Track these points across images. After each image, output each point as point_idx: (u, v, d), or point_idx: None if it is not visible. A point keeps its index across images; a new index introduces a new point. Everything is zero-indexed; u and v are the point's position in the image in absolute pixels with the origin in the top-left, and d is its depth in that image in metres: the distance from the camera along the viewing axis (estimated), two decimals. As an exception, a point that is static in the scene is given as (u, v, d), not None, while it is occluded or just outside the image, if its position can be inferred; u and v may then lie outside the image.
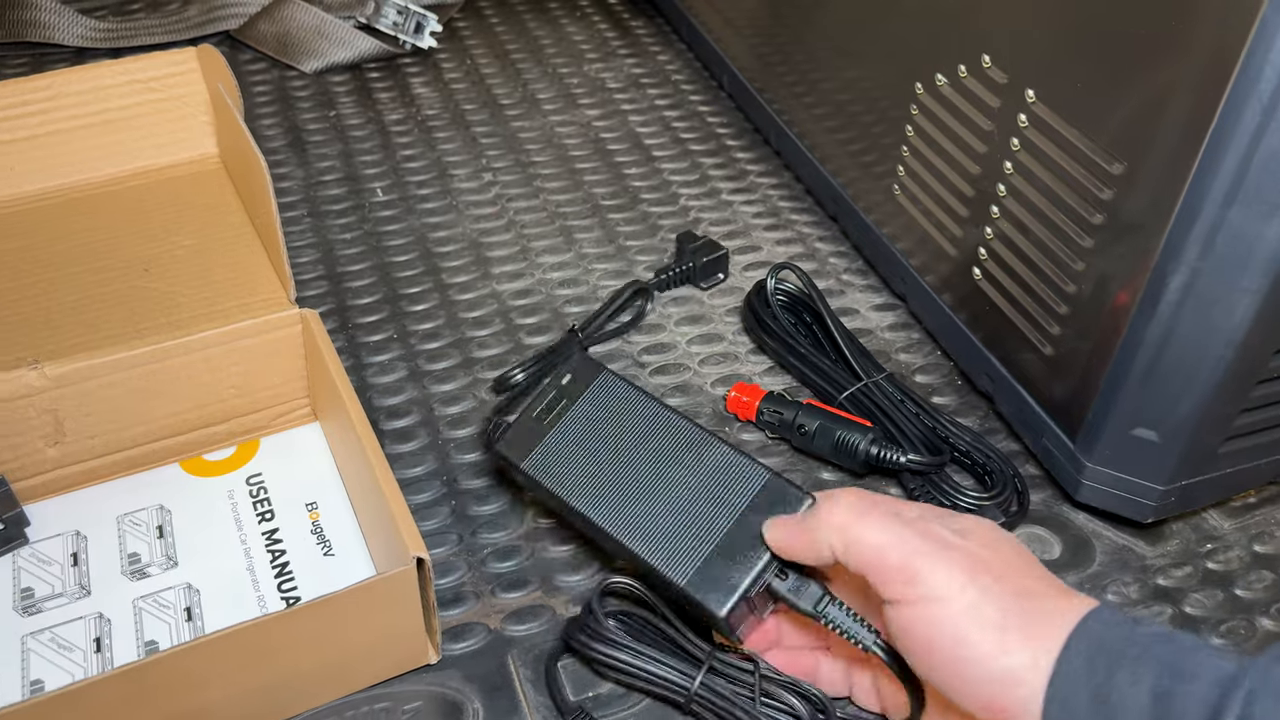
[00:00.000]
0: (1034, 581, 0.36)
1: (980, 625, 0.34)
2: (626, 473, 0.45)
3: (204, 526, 0.50)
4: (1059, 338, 0.50)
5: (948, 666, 0.35)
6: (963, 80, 0.53)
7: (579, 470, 0.46)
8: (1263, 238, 0.40)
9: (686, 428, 0.45)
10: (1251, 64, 0.38)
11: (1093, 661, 0.33)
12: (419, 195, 0.72)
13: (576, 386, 0.48)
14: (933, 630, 0.35)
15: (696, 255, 0.64)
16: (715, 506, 0.43)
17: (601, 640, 0.43)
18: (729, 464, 0.44)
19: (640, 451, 0.45)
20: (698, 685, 0.42)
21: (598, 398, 0.47)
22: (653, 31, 0.91)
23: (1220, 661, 0.32)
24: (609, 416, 0.46)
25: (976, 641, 0.34)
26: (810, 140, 0.70)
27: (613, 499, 0.45)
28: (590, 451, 0.46)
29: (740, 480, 0.43)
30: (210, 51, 0.62)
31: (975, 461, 0.53)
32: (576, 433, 0.47)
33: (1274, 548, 0.52)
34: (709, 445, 0.45)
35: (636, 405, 0.46)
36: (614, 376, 0.48)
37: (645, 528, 0.44)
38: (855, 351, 0.57)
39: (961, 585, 0.35)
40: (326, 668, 0.43)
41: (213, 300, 0.52)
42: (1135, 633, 0.33)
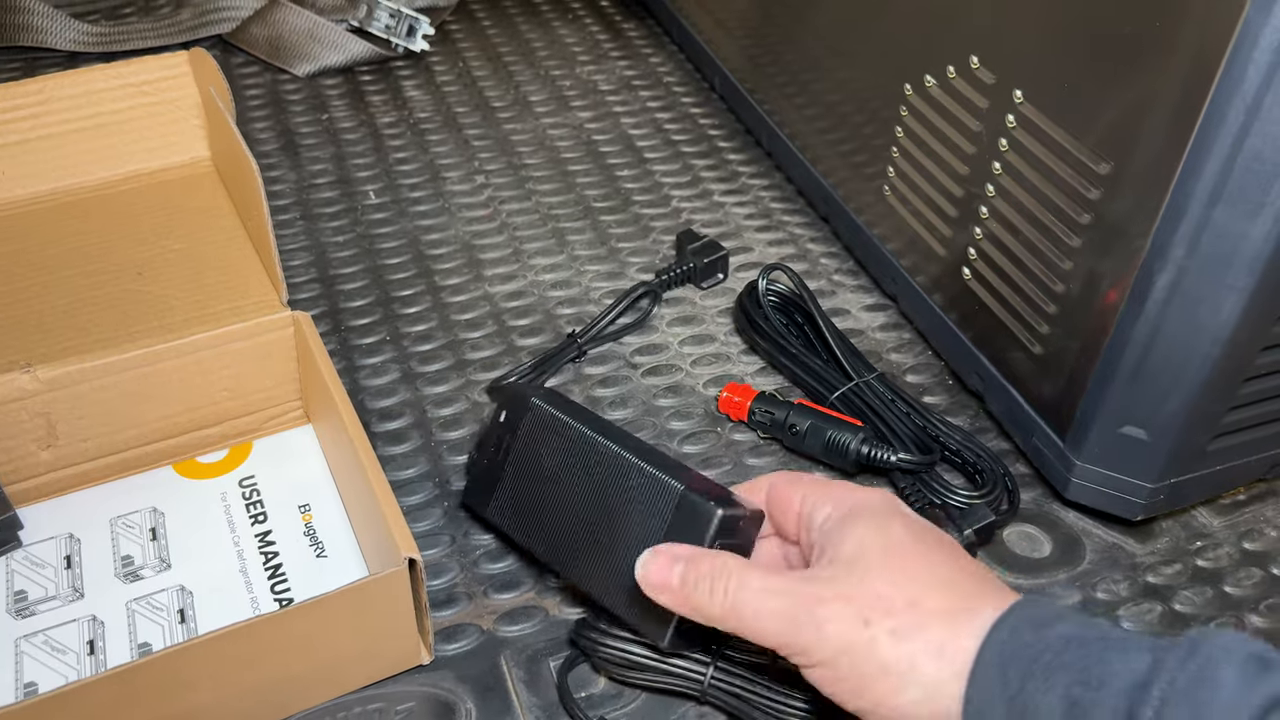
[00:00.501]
0: (906, 614, 0.35)
1: (865, 676, 0.34)
2: (567, 508, 0.44)
3: (197, 529, 0.50)
4: (1048, 337, 0.50)
5: (863, 710, 0.35)
6: (951, 81, 0.53)
7: (529, 510, 0.45)
8: (1247, 236, 0.41)
9: (610, 451, 0.43)
10: (1235, 64, 0.38)
11: (1005, 672, 0.32)
12: (411, 198, 0.72)
13: (513, 422, 0.46)
14: (831, 688, 0.35)
15: (698, 255, 0.64)
16: (642, 529, 0.42)
17: (614, 638, 0.44)
18: (647, 485, 0.42)
19: (576, 483, 0.44)
20: (711, 676, 0.43)
21: (532, 432, 0.46)
22: (644, 33, 0.91)
23: (1131, 662, 0.31)
24: (545, 450, 0.45)
25: (867, 690, 0.34)
26: (801, 141, 0.71)
27: (555, 534, 0.44)
28: (535, 489, 0.45)
29: (658, 501, 0.41)
30: (202, 55, 0.62)
31: (966, 460, 0.53)
32: (522, 471, 0.46)
33: (1263, 545, 0.52)
34: (628, 469, 0.43)
35: (566, 434, 0.45)
36: (541, 406, 0.46)
37: (583, 560, 0.43)
38: (846, 351, 0.57)
39: (839, 648, 0.35)
40: (319, 669, 0.43)
41: (205, 303, 0.52)
42: (1047, 636, 0.33)
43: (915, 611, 0.35)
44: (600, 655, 0.44)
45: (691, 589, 0.37)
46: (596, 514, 0.43)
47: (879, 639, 0.34)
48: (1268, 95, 0.38)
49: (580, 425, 0.45)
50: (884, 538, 0.37)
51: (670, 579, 0.38)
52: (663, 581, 0.38)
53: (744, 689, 0.43)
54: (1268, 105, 0.38)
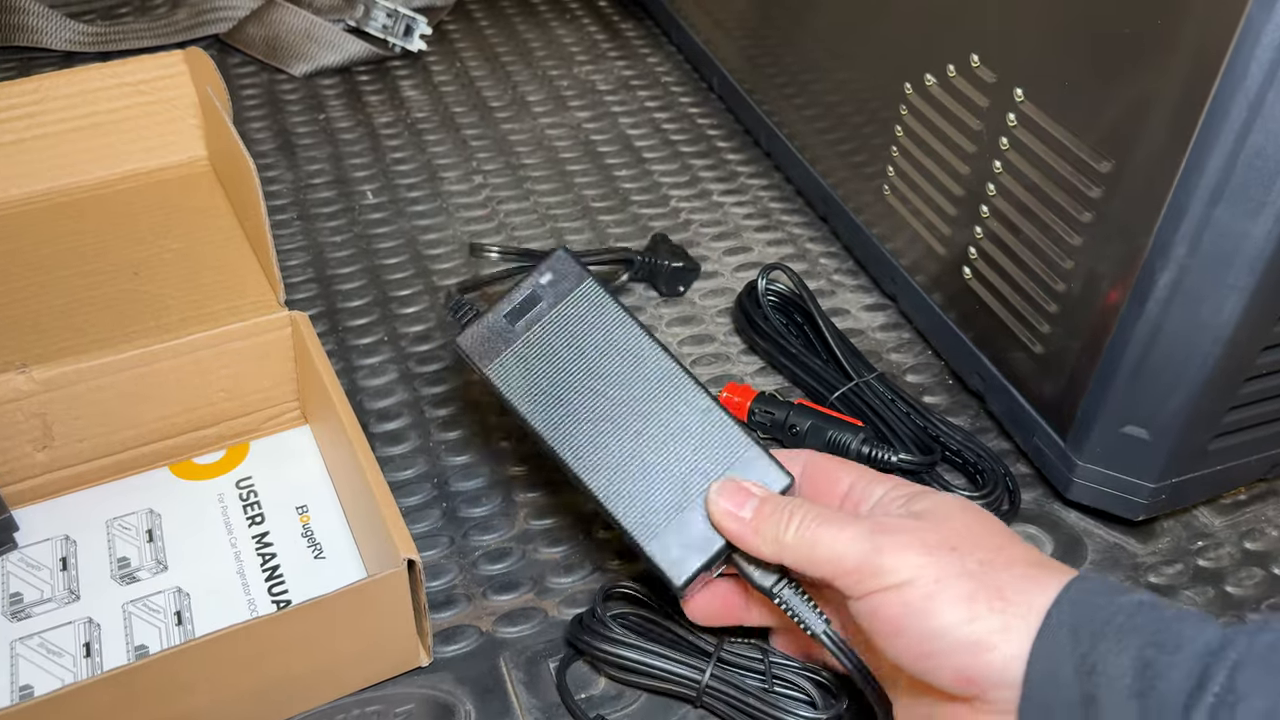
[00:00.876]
0: (998, 551, 0.35)
1: (946, 596, 0.34)
2: (599, 404, 0.41)
3: (194, 530, 0.50)
4: (1049, 336, 0.50)
5: (916, 644, 0.34)
6: (952, 80, 0.53)
7: (548, 390, 0.42)
8: (1249, 235, 0.41)
9: (670, 367, 0.41)
10: (1237, 61, 0.38)
11: (1077, 631, 0.32)
12: (409, 197, 0.72)
13: (556, 290, 0.43)
14: (897, 611, 0.35)
15: (672, 257, 0.63)
16: (690, 465, 0.40)
17: (608, 640, 0.44)
18: (712, 422, 0.40)
19: (618, 382, 0.41)
20: (708, 678, 0.42)
21: (578, 309, 0.42)
22: (642, 34, 0.91)
23: (1205, 630, 0.31)
24: (587, 334, 0.42)
25: (941, 612, 0.34)
26: (800, 141, 0.71)
27: (580, 430, 0.41)
28: (562, 370, 0.42)
29: (721, 443, 0.40)
30: (199, 55, 0.62)
31: (966, 460, 0.53)
32: (550, 345, 0.42)
33: (1264, 545, 0.52)
34: (694, 395, 0.41)
35: (620, 327, 0.42)
36: (598, 287, 0.42)
37: (612, 473, 0.40)
38: (846, 351, 0.57)
39: (921, 565, 0.35)
40: (317, 671, 0.43)
41: (202, 303, 0.52)
42: (1119, 601, 0.33)
43: (1004, 552, 0.35)
44: (595, 655, 0.44)
45: (763, 520, 0.38)
46: (640, 430, 0.41)
47: (968, 563, 0.34)
48: (1270, 92, 0.38)
49: (644, 332, 0.42)
50: (964, 503, 0.38)
51: (743, 509, 0.39)
52: (734, 509, 0.39)
53: (740, 699, 0.42)
54: (1270, 102, 0.38)
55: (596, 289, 0.43)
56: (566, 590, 0.49)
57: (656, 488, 0.40)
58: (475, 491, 0.53)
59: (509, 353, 0.42)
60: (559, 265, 0.43)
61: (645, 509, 0.40)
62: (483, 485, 0.53)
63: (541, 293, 0.43)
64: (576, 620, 0.46)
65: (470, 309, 0.45)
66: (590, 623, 0.44)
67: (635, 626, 0.44)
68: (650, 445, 0.41)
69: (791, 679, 0.43)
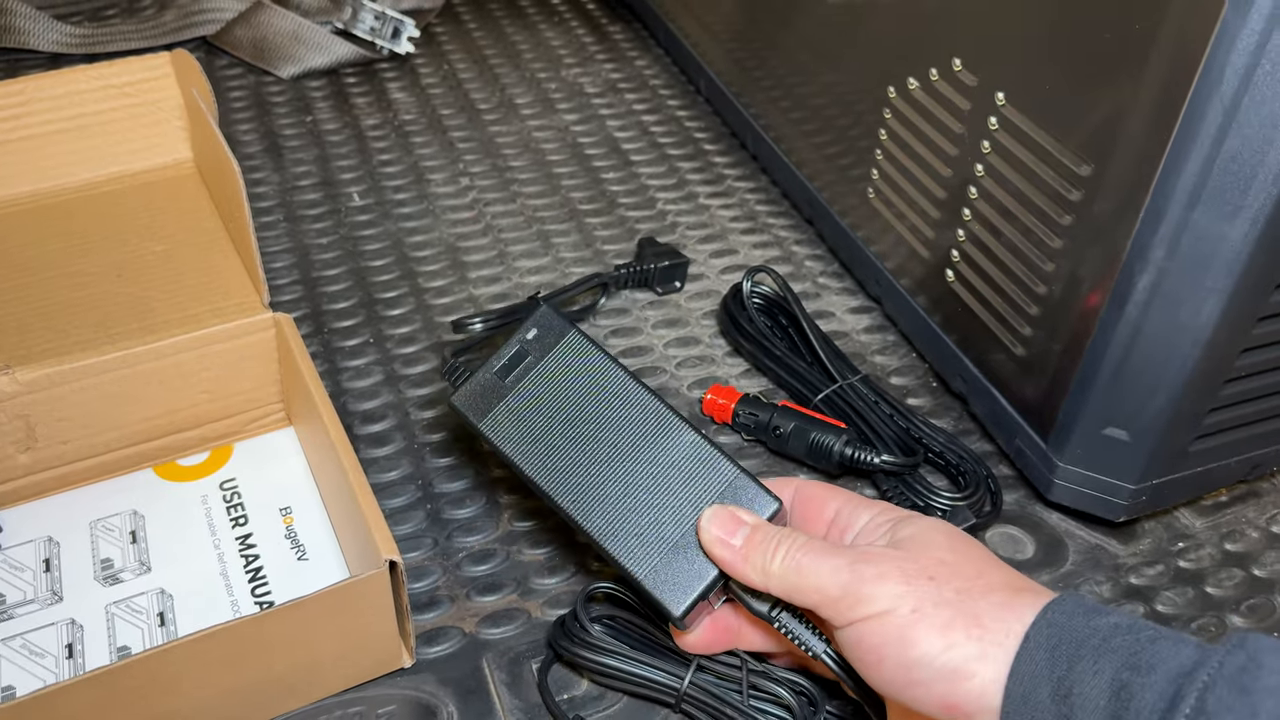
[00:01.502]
0: (976, 579, 0.36)
1: (923, 626, 0.35)
2: (589, 448, 0.43)
3: (177, 532, 0.50)
4: (1030, 338, 0.50)
5: (899, 672, 0.35)
6: (934, 83, 0.54)
7: (540, 438, 0.43)
8: (1226, 238, 0.41)
9: (655, 406, 0.43)
10: (1213, 67, 0.38)
11: (1054, 652, 0.33)
12: (395, 200, 0.72)
13: (542, 344, 0.45)
14: (879, 640, 0.35)
15: (658, 259, 0.64)
16: (678, 498, 0.41)
17: (588, 646, 0.44)
18: (696, 454, 0.42)
19: (605, 425, 0.43)
20: (687, 684, 0.43)
21: (563, 359, 0.44)
22: (630, 37, 0.91)
23: (1180, 652, 0.32)
24: (574, 382, 0.44)
25: (919, 640, 0.34)
26: (786, 145, 0.71)
27: (573, 475, 0.43)
28: (552, 419, 0.44)
29: (706, 474, 0.42)
30: (185, 57, 0.62)
31: (949, 462, 0.53)
32: (539, 396, 0.44)
33: (1244, 546, 0.53)
34: (677, 430, 0.42)
35: (604, 373, 0.44)
36: (581, 337, 0.45)
37: (605, 512, 0.42)
38: (830, 354, 0.57)
39: (899, 594, 0.35)
40: (299, 671, 0.43)
41: (185, 305, 0.52)
42: (1095, 623, 0.33)
43: (982, 578, 0.36)
44: (575, 660, 0.44)
45: (752, 548, 0.39)
46: (629, 467, 0.42)
47: (945, 592, 0.35)
48: (1245, 97, 0.38)
49: (625, 374, 0.44)
50: (946, 529, 0.39)
51: (734, 537, 0.40)
52: (726, 537, 0.40)
53: (718, 702, 0.42)
54: (1245, 107, 0.38)
55: (579, 340, 0.45)
56: (550, 592, 0.49)
57: (650, 524, 0.42)
58: (459, 494, 0.53)
59: (501, 407, 0.44)
60: (543, 320, 0.45)
61: (640, 545, 0.41)
62: (467, 487, 0.54)
63: (528, 348, 0.45)
64: (558, 624, 0.46)
65: (464, 370, 0.47)
66: (571, 627, 0.44)
67: (617, 630, 0.45)
68: (641, 483, 0.42)
69: (769, 688, 0.43)
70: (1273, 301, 0.44)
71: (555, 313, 0.46)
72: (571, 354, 0.45)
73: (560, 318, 0.45)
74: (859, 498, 0.42)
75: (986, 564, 0.37)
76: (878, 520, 0.40)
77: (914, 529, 0.38)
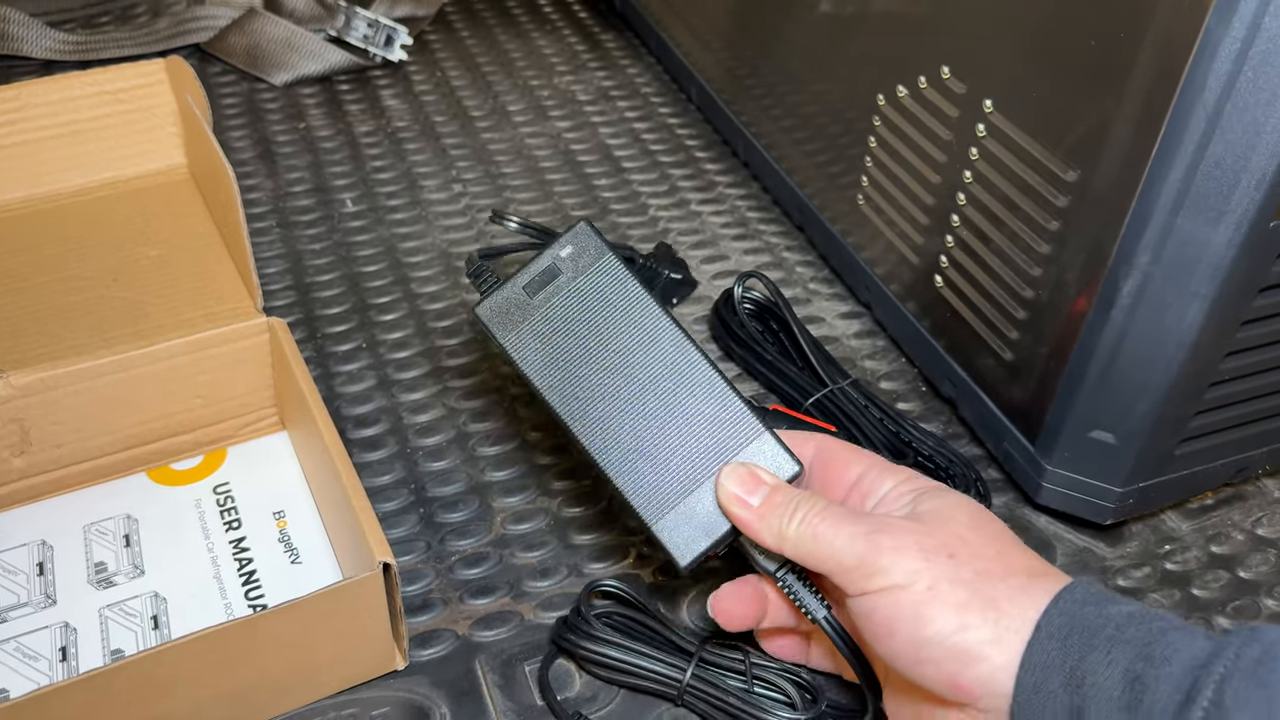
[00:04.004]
0: (996, 559, 0.36)
1: (938, 604, 0.34)
2: (613, 381, 0.41)
3: (171, 535, 0.50)
4: (1018, 343, 0.51)
5: (909, 648, 0.35)
6: (923, 91, 0.54)
7: (563, 364, 0.42)
8: (1210, 243, 0.41)
9: (686, 347, 0.42)
10: (1196, 74, 0.39)
11: (1067, 641, 0.33)
12: (388, 206, 0.72)
13: (576, 264, 0.43)
14: (892, 613, 0.35)
15: (673, 268, 0.65)
16: (699, 447, 0.41)
17: (592, 639, 0.44)
18: (723, 404, 0.41)
19: (632, 359, 0.41)
20: (689, 677, 0.43)
21: (598, 285, 0.42)
22: (622, 45, 0.92)
23: (1194, 643, 0.32)
24: (605, 309, 0.42)
25: (934, 618, 0.34)
26: (777, 152, 0.71)
27: (594, 407, 0.41)
28: (578, 346, 0.42)
29: (730, 426, 0.41)
30: (179, 63, 0.62)
31: (938, 465, 0.53)
32: (568, 320, 0.42)
33: (1230, 548, 0.53)
34: (706, 377, 0.41)
35: (638, 304, 0.42)
36: (618, 262, 0.42)
37: (623, 451, 0.41)
38: (821, 358, 0.57)
39: (918, 570, 0.35)
40: (293, 674, 0.43)
41: (180, 310, 0.52)
42: (1109, 611, 0.33)
43: (1001, 560, 0.36)
44: (579, 654, 0.45)
45: (770, 509, 0.39)
46: (653, 407, 0.41)
47: (963, 571, 0.35)
48: (1228, 104, 0.39)
49: (659, 308, 0.42)
50: (968, 504, 0.38)
51: (753, 496, 0.39)
52: (745, 495, 0.39)
53: (721, 699, 0.43)
54: (1228, 114, 0.39)
55: (616, 264, 0.42)
56: (543, 594, 0.49)
57: (666, 468, 0.41)
58: (453, 496, 0.53)
59: (526, 326, 0.43)
60: (579, 239, 0.43)
61: (654, 489, 0.41)
62: (461, 490, 0.54)
63: (561, 265, 0.43)
64: (561, 620, 0.46)
65: (491, 275, 0.45)
66: (575, 621, 0.45)
67: (619, 625, 0.45)
68: (663, 425, 0.41)
69: (772, 679, 0.43)
70: (1256, 306, 0.44)
71: (594, 231, 0.43)
72: (606, 278, 0.42)
73: (599, 238, 0.43)
74: (884, 462, 0.41)
75: (1007, 544, 0.37)
76: (901, 489, 0.40)
77: (937, 502, 0.38)
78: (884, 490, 0.40)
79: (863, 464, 0.41)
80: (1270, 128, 0.39)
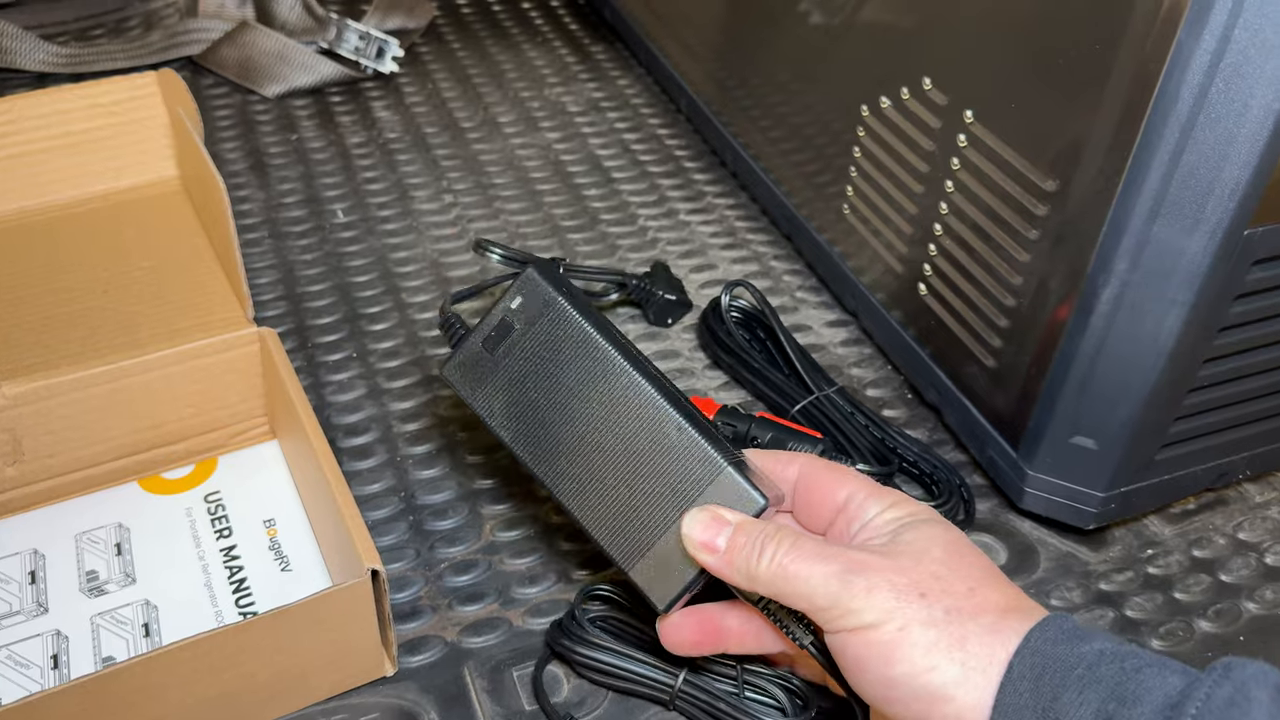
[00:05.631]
0: (968, 597, 0.36)
1: (907, 645, 0.35)
2: (578, 429, 0.41)
3: (162, 544, 0.50)
4: (1000, 350, 0.52)
5: (879, 686, 0.35)
6: (905, 102, 0.55)
7: (529, 417, 0.42)
8: (1185, 251, 0.42)
9: (644, 388, 0.41)
10: (1169, 85, 0.40)
11: (1039, 682, 0.33)
12: (380, 216, 0.73)
13: (528, 314, 0.42)
14: (863, 652, 0.36)
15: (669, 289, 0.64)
16: (664, 488, 0.40)
17: (585, 644, 0.45)
18: (686, 443, 0.40)
19: (594, 408, 0.41)
20: (681, 683, 0.44)
21: (551, 334, 0.42)
22: (612, 57, 0.92)
23: (1166, 681, 0.32)
24: (562, 359, 0.42)
25: (901, 659, 0.35)
26: (765, 162, 0.72)
27: (562, 458, 0.42)
28: (542, 397, 0.42)
29: (691, 464, 0.40)
30: (171, 76, 0.63)
31: (923, 471, 0.54)
32: (527, 373, 0.42)
33: (1212, 552, 0.54)
34: (664, 416, 0.41)
35: (592, 351, 0.41)
36: (567, 308, 0.42)
37: (592, 499, 0.41)
38: (807, 366, 0.58)
39: (890, 610, 0.35)
40: (283, 680, 0.43)
41: (171, 320, 0.53)
42: (1080, 650, 0.33)
43: (973, 597, 0.35)
44: (573, 658, 0.45)
45: (737, 552, 0.38)
46: (618, 455, 0.41)
47: (934, 611, 0.35)
48: (1200, 115, 0.39)
49: (612, 350, 0.41)
50: (946, 535, 0.38)
51: (718, 538, 0.39)
52: (708, 542, 0.39)
53: (711, 699, 0.43)
54: (1201, 125, 0.40)
55: (566, 310, 0.42)
56: (532, 600, 0.50)
57: (635, 514, 0.41)
58: (442, 504, 0.54)
59: (490, 382, 0.43)
60: (528, 287, 0.43)
61: (626, 535, 0.41)
62: (450, 498, 0.54)
63: (513, 318, 0.43)
64: (555, 624, 0.47)
65: (458, 327, 0.45)
66: (569, 626, 0.46)
67: (612, 630, 0.46)
68: (628, 470, 0.41)
69: (763, 685, 0.44)
70: (1233, 313, 0.45)
71: (542, 278, 0.42)
72: (557, 326, 0.42)
73: (547, 285, 0.42)
74: (871, 484, 0.41)
75: (982, 579, 0.37)
76: (886, 516, 0.39)
77: (915, 534, 0.38)
78: (868, 516, 0.40)
79: (849, 486, 0.41)
80: (1242, 138, 0.39)
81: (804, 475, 0.42)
